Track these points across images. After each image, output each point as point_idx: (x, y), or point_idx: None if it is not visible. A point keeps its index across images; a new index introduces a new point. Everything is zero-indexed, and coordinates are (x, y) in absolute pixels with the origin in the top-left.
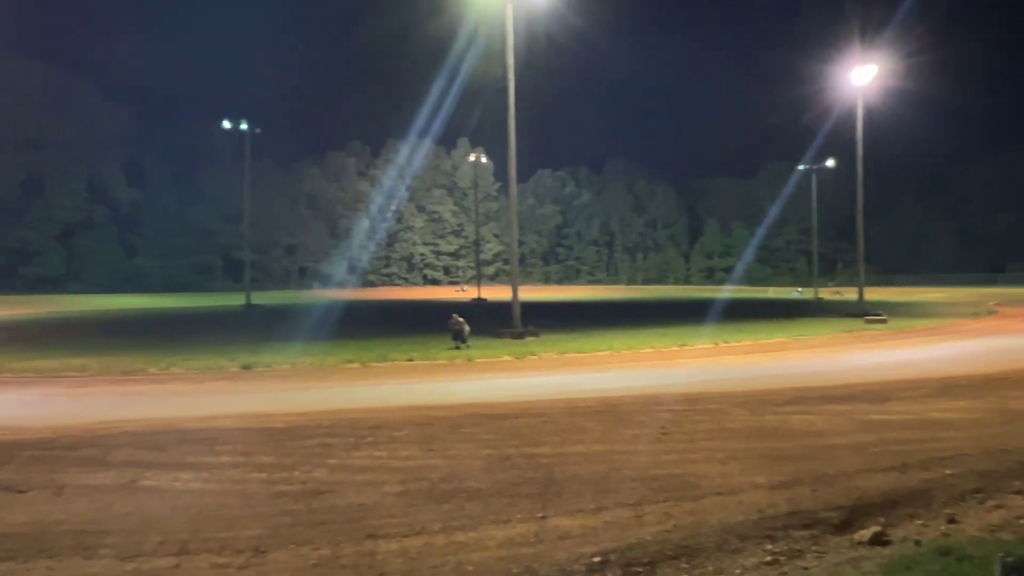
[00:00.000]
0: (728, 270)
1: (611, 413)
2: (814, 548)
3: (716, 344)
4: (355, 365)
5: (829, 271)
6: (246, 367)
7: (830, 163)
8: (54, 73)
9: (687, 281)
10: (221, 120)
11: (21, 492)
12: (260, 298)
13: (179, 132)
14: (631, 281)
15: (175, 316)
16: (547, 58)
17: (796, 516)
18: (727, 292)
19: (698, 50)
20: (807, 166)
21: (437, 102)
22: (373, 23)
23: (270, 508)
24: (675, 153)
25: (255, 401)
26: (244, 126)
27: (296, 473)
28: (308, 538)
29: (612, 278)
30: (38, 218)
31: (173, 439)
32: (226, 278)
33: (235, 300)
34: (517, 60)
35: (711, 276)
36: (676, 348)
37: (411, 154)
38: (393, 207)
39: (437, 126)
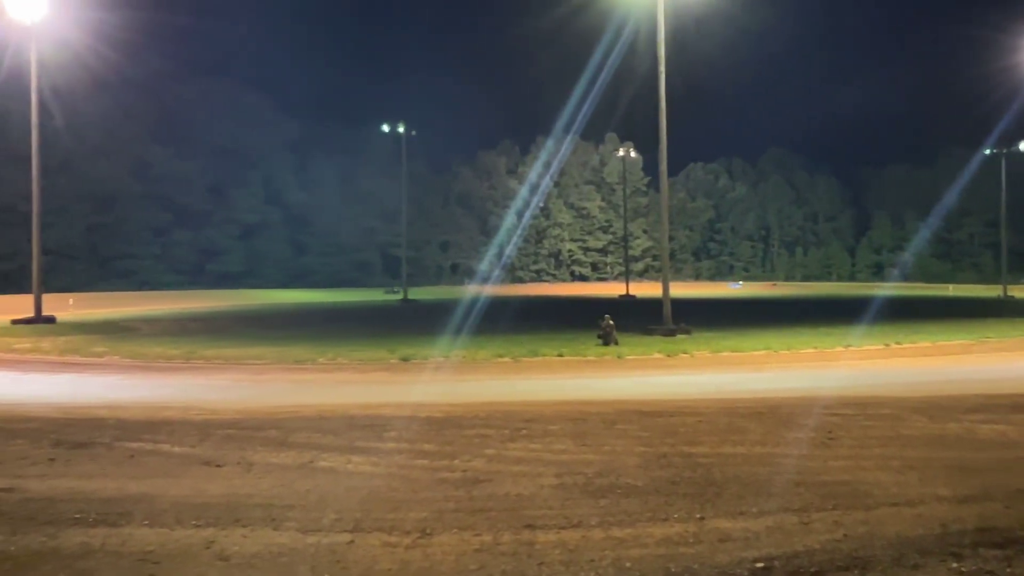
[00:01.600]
0: (900, 266)
1: (772, 415)
2: (1008, 570)
3: (887, 345)
4: (506, 359)
5: (1021, 266)
6: (405, 359)
7: (1023, 146)
8: (235, 89)
9: (852, 278)
10: (380, 124)
11: (218, 466)
12: (415, 293)
13: (342, 137)
14: (789, 277)
15: (339, 310)
16: (698, 46)
17: (986, 533)
18: (897, 289)
19: (862, 27)
20: (994, 150)
21: (585, 98)
22: (521, 21)
23: (433, 493)
24: (839, 141)
25: (415, 391)
26: (401, 129)
27: (456, 461)
28: (469, 524)
29: (768, 274)
30: (222, 220)
31: (344, 424)
32: (384, 274)
33: (392, 295)
34: (667, 50)
35: (880, 272)
36: (841, 349)
37: (559, 151)
38: (541, 204)
39: (585, 122)
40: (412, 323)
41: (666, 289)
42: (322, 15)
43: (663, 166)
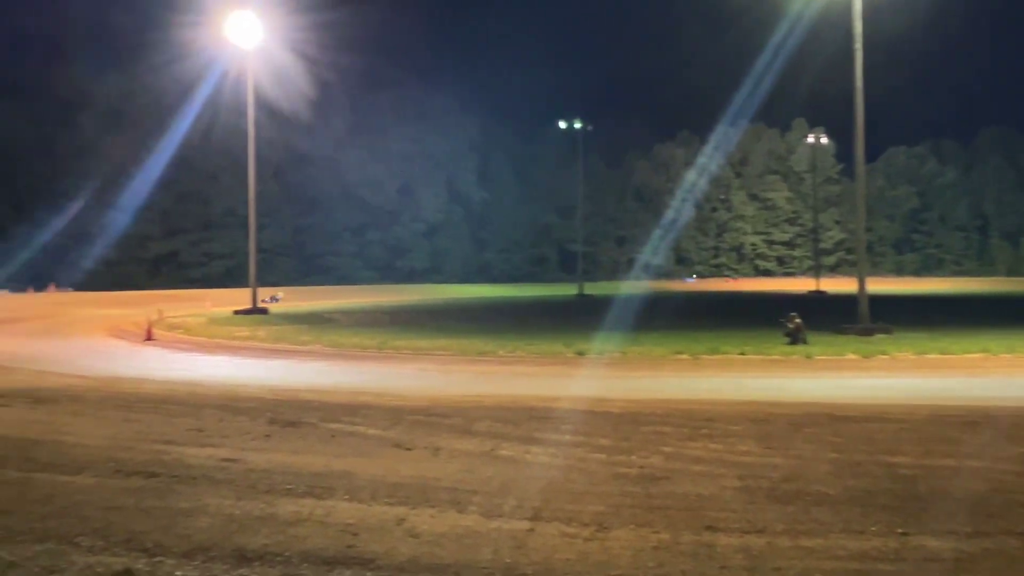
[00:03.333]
0: None
1: (989, 425)
2: None
3: None
4: (684, 356)
5: None
6: (580, 353)
7: None
8: (422, 94)
9: None
10: (557, 120)
11: (408, 450)
12: (591, 288)
13: (520, 135)
14: (1012, 272)
15: (517, 304)
16: (898, 17)
17: None
18: None
19: None
20: None
21: (770, 81)
22: (701, 2)
23: (610, 488)
24: None
25: (590, 386)
26: (577, 125)
27: (633, 457)
28: (647, 521)
29: (986, 268)
30: (409, 219)
31: (523, 415)
32: (560, 269)
33: (568, 290)
34: (863, 24)
35: None
36: None
37: (741, 140)
38: (722, 196)
39: (770, 107)
40: (588, 318)
41: (862, 284)
42: (496, 14)
43: (859, 151)
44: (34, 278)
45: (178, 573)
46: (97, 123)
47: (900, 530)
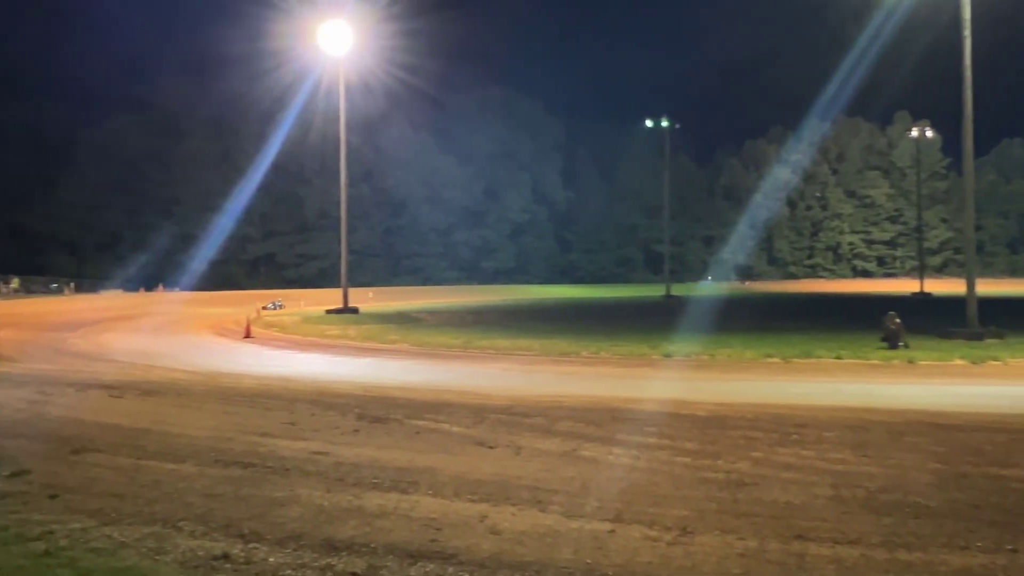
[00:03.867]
0: None
1: None
2: None
3: None
4: (775, 360)
5: None
6: (666, 355)
7: None
8: (508, 96)
9: None
10: (643, 120)
11: (490, 448)
12: (678, 289)
13: (605, 134)
14: None
15: (602, 305)
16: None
17: None
18: None
19: None
20: None
21: (867, 73)
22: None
23: (695, 492)
24: None
25: (676, 388)
26: (664, 123)
27: (719, 462)
28: (733, 527)
29: None
30: (495, 219)
31: (605, 416)
32: (646, 270)
33: (654, 291)
34: (973, 9)
35: None
36: None
37: (837, 134)
38: (818, 193)
39: (868, 100)
40: (674, 319)
41: (971, 286)
42: (580, 15)
43: (968, 144)
44: (145, 279)
45: (271, 559)
46: (201, 132)
47: (1009, 546)
